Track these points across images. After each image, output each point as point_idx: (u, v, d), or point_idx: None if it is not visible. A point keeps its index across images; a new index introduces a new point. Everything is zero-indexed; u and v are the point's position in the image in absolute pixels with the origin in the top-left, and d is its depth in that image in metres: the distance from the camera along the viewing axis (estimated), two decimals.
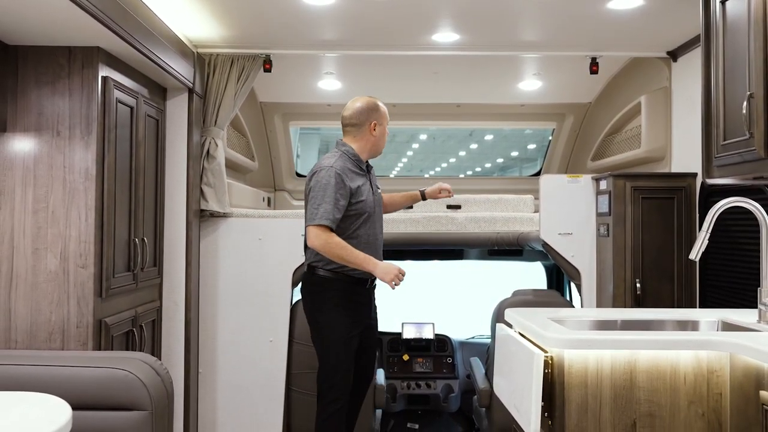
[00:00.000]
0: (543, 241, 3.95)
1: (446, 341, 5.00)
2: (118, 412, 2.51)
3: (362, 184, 3.25)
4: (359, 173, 3.28)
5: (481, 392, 3.72)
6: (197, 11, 3.36)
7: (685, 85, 3.85)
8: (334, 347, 3.20)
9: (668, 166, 4.08)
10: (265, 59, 4.01)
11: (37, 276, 2.90)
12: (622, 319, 2.67)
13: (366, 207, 3.24)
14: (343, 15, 3.45)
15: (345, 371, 3.20)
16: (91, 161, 2.91)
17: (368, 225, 3.25)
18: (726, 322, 2.54)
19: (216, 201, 3.92)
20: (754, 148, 2.33)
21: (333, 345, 3.20)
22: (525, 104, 5.37)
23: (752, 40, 2.33)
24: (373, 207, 3.28)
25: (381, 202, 3.41)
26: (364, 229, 3.23)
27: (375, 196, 3.33)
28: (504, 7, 3.35)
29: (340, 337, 3.20)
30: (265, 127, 5.46)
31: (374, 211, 3.29)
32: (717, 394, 2.15)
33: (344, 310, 3.21)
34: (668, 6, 3.29)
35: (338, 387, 3.20)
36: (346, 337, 3.20)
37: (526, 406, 2.20)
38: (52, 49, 2.92)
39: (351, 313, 3.23)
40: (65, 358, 2.62)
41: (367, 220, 3.25)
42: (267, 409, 3.95)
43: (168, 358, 3.72)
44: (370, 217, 3.26)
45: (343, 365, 3.20)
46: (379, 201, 3.38)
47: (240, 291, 3.98)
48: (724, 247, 3.36)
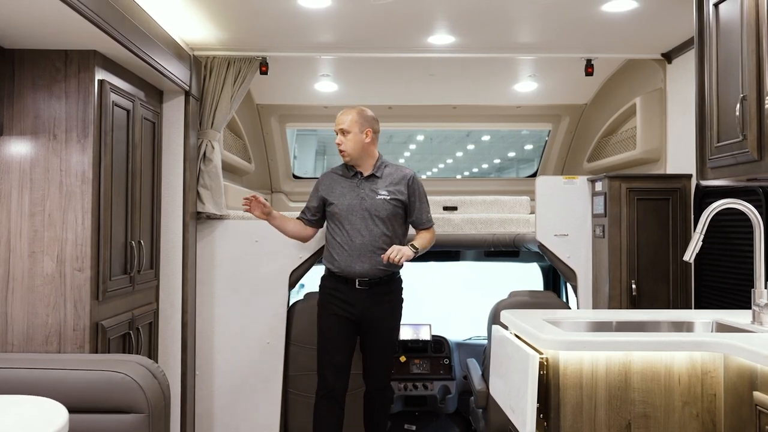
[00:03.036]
0: (539, 242, 3.96)
1: (443, 342, 5.01)
2: (114, 415, 2.52)
3: (339, 190, 3.53)
4: (344, 177, 3.56)
5: (478, 393, 3.73)
6: (193, 14, 3.37)
7: (680, 86, 3.87)
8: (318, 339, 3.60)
9: (663, 168, 4.10)
10: (261, 61, 4.02)
11: (34, 279, 2.90)
12: (617, 320, 2.68)
13: (335, 209, 3.52)
14: (339, 17, 3.46)
15: (326, 363, 3.54)
16: (88, 164, 2.91)
17: (340, 228, 3.50)
18: (720, 323, 2.55)
19: (213, 203, 3.92)
20: (747, 150, 2.34)
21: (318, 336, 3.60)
22: (521, 106, 5.39)
23: (745, 42, 2.35)
24: (348, 212, 3.49)
25: (373, 207, 3.47)
26: (337, 231, 3.52)
27: (360, 202, 3.48)
28: (499, 10, 3.36)
29: (319, 329, 3.58)
30: (262, 129, 5.47)
31: (347, 215, 3.49)
32: (711, 394, 2.17)
33: (324, 303, 3.58)
34: (662, 8, 3.31)
35: (322, 377, 3.54)
36: (323, 328, 3.57)
37: (522, 408, 2.21)
38: (48, 53, 2.92)
39: (329, 306, 3.54)
40: (62, 361, 2.62)
41: (339, 223, 3.51)
42: (264, 412, 3.95)
43: (165, 360, 3.72)
44: (340, 220, 3.50)
45: (323, 357, 3.56)
46: (366, 206, 3.47)
47: (237, 293, 3.99)
48: (719, 248, 3.37)
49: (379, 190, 3.49)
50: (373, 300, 3.49)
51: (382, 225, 3.46)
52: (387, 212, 3.47)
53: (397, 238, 3.53)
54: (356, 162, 3.53)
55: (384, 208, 3.47)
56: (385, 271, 3.49)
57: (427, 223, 3.61)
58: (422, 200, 3.58)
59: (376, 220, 3.46)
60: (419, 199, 3.56)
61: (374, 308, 3.50)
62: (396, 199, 3.50)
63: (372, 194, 3.48)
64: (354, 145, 3.49)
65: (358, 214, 3.47)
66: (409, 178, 3.54)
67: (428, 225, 3.62)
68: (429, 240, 3.60)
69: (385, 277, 3.50)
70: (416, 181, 3.57)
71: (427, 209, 3.60)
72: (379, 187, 3.50)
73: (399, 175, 3.53)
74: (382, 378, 3.64)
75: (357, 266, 3.44)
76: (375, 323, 3.52)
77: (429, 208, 3.63)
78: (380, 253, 3.41)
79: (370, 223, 3.46)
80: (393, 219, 3.50)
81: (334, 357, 3.51)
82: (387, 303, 3.56)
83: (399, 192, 3.50)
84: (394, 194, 3.49)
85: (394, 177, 3.53)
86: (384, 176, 3.53)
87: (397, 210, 3.51)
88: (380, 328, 3.55)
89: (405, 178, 3.54)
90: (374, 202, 3.47)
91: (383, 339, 3.58)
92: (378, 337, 3.56)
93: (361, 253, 3.44)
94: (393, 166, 3.58)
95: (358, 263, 3.44)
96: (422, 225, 3.60)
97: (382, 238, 3.46)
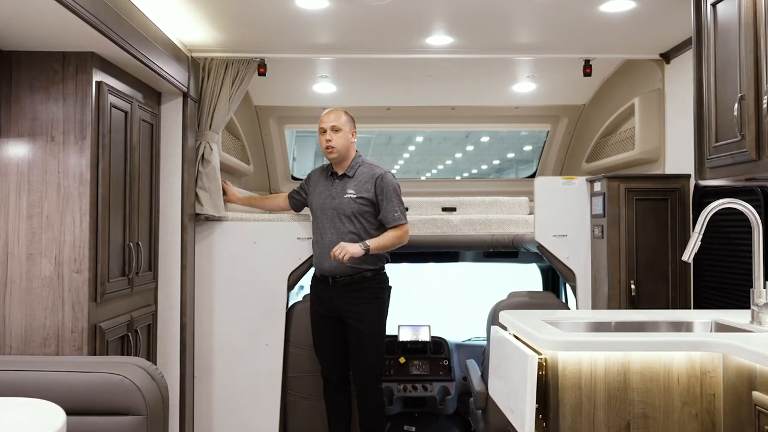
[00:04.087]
0: (538, 242, 3.96)
1: (442, 343, 5.00)
2: (113, 417, 2.51)
3: (318, 188, 3.71)
4: (323, 177, 3.76)
5: (478, 394, 3.73)
6: (191, 15, 3.36)
7: (679, 87, 3.87)
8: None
9: (662, 168, 4.10)
10: (259, 63, 4.01)
11: (32, 281, 2.90)
12: (616, 321, 2.67)
13: (311, 208, 3.77)
14: (337, 18, 3.45)
15: (319, 357, 3.81)
16: (86, 166, 2.91)
17: (315, 226, 3.72)
18: (719, 322, 2.55)
19: (211, 204, 3.92)
20: (745, 150, 2.34)
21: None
22: (519, 106, 5.38)
23: (743, 42, 2.34)
24: (321, 210, 3.67)
25: (340, 206, 3.61)
26: (314, 229, 3.74)
27: (330, 201, 3.64)
28: (497, 10, 3.36)
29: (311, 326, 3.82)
30: (260, 131, 5.46)
31: (320, 213, 3.67)
32: (710, 394, 2.16)
33: (311, 302, 3.81)
34: (660, 8, 3.31)
35: (321, 369, 3.79)
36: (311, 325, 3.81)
37: (521, 408, 2.20)
38: (46, 55, 2.92)
39: (313, 305, 3.78)
40: (60, 364, 2.62)
41: (314, 221, 3.73)
42: (263, 414, 3.95)
43: (163, 362, 3.72)
44: (316, 219, 3.71)
45: (316, 351, 3.82)
46: (334, 205, 3.63)
47: (236, 295, 3.98)
48: (718, 248, 3.37)
49: (348, 189, 3.61)
50: (347, 298, 3.59)
51: (348, 223, 3.57)
52: (353, 210, 3.57)
53: (367, 236, 3.58)
54: (341, 160, 3.67)
55: (350, 206, 3.58)
56: (356, 269, 3.55)
57: (394, 222, 3.61)
58: (390, 199, 3.60)
59: (343, 219, 3.57)
60: (387, 198, 3.59)
61: (349, 307, 3.58)
62: (362, 198, 3.57)
63: (341, 193, 3.61)
64: (344, 142, 3.63)
65: (328, 213, 3.62)
66: (378, 177, 3.61)
67: (395, 223, 3.61)
68: (391, 238, 3.60)
69: (356, 275, 3.56)
70: (385, 179, 3.61)
71: (395, 208, 3.60)
72: (348, 186, 3.61)
73: (369, 174, 3.63)
74: (367, 379, 3.68)
75: (326, 264, 3.58)
76: (352, 324, 3.61)
77: (400, 207, 3.63)
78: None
79: (337, 221, 3.58)
80: (360, 217, 3.58)
81: (325, 352, 3.74)
82: (363, 303, 3.60)
83: (366, 190, 3.59)
84: (361, 193, 3.58)
85: (365, 176, 3.63)
86: (356, 175, 3.65)
87: (364, 208, 3.59)
88: (361, 329, 3.60)
89: (374, 176, 3.61)
90: (342, 201, 3.59)
91: (365, 340, 3.62)
92: (357, 338, 3.62)
93: (324, 250, 3.60)
94: (368, 165, 3.68)
95: (327, 261, 3.56)
96: (389, 223, 3.62)
97: (349, 236, 3.55)
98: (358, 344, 3.63)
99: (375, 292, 3.64)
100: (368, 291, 3.62)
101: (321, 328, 3.73)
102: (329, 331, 3.69)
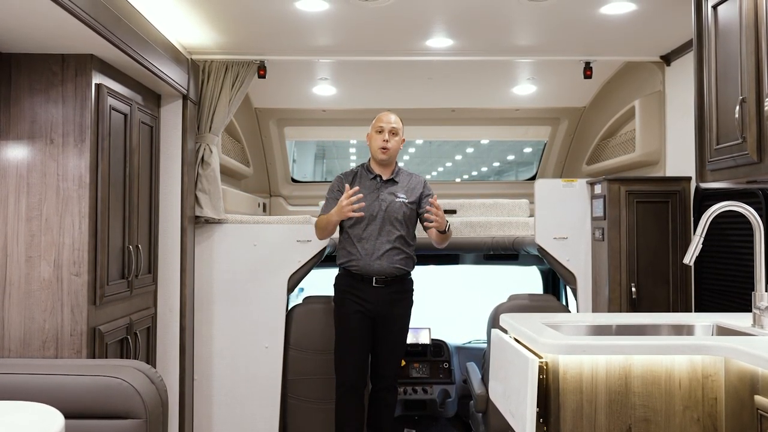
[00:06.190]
0: (538, 245, 3.95)
1: (443, 346, 4.99)
2: (112, 421, 2.50)
3: (363, 191, 3.59)
4: (364, 180, 3.71)
5: (478, 397, 3.72)
6: (191, 17, 3.36)
7: (679, 89, 3.86)
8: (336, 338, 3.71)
9: (663, 170, 4.09)
10: (259, 65, 4.01)
11: (31, 284, 2.89)
12: (617, 324, 2.66)
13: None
14: (337, 21, 3.45)
15: (347, 359, 3.65)
16: (85, 168, 2.90)
17: (359, 228, 3.64)
18: (721, 326, 2.54)
19: (211, 207, 3.92)
20: (746, 152, 2.34)
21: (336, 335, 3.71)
22: (519, 108, 5.38)
23: (744, 44, 2.34)
24: (368, 213, 3.61)
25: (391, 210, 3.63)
26: (356, 231, 3.65)
27: (379, 204, 3.63)
28: (497, 12, 3.36)
29: (338, 328, 3.70)
30: (260, 133, 5.46)
31: (367, 216, 3.61)
32: (712, 398, 2.15)
33: (342, 302, 3.67)
34: (661, 11, 3.30)
35: (342, 373, 3.65)
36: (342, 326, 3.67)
37: (522, 412, 2.19)
38: (45, 57, 2.91)
39: (348, 304, 3.63)
40: (59, 367, 2.61)
41: (356, 224, 3.64)
42: (263, 417, 3.94)
43: (163, 365, 3.71)
44: (361, 221, 3.63)
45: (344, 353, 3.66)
46: (384, 209, 3.63)
47: (235, 297, 3.97)
48: (719, 251, 3.36)
49: (398, 194, 3.69)
50: (389, 298, 3.63)
51: (399, 226, 3.65)
52: (404, 215, 3.66)
53: (410, 238, 3.72)
54: (389, 163, 3.72)
55: (402, 211, 3.65)
56: (401, 270, 3.65)
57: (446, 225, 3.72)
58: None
59: (394, 222, 3.64)
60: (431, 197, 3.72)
61: (389, 306, 3.64)
62: (412, 203, 3.70)
63: (391, 197, 3.67)
64: (397, 146, 3.71)
65: (378, 216, 3.63)
66: (424, 182, 3.80)
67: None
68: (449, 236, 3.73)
69: (399, 275, 3.65)
70: (428, 184, 3.83)
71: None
72: (397, 191, 3.70)
73: (415, 181, 3.76)
74: (389, 378, 3.72)
75: (375, 265, 3.59)
76: (389, 321, 3.65)
77: None
78: (397, 253, 3.60)
79: (387, 224, 3.63)
80: (408, 221, 3.69)
81: (355, 352, 3.65)
82: (401, 301, 3.69)
83: (415, 195, 3.72)
84: (411, 198, 3.70)
85: (411, 182, 3.75)
86: (401, 181, 3.74)
87: (412, 213, 3.72)
88: (393, 327, 3.68)
89: (420, 182, 3.78)
90: (393, 205, 3.65)
91: (395, 338, 3.70)
92: (390, 335, 3.68)
93: (380, 252, 3.60)
94: (406, 172, 3.81)
95: (377, 262, 3.59)
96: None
97: (398, 239, 3.64)
98: (392, 340, 3.69)
99: (411, 290, 3.77)
100: (405, 292, 3.73)
101: (357, 327, 3.62)
102: (365, 329, 3.64)
